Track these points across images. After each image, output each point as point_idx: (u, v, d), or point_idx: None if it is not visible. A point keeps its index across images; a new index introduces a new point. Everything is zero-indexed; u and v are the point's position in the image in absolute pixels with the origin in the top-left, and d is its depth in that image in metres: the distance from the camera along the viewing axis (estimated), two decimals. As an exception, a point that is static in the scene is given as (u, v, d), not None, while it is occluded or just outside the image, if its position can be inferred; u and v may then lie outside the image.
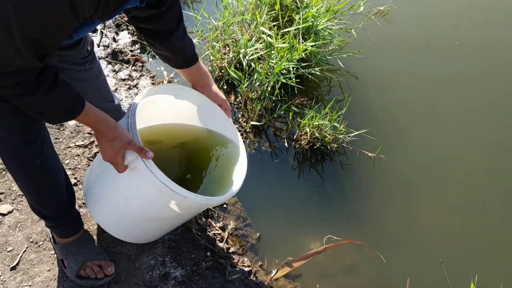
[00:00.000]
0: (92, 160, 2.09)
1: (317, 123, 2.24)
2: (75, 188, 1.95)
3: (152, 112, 1.64)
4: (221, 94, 1.64)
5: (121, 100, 2.42)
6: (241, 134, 2.35)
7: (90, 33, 2.73)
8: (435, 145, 2.45)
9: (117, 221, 1.58)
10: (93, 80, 1.72)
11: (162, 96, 1.58)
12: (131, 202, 1.47)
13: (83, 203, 1.90)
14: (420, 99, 2.69)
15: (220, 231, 1.97)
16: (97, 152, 2.13)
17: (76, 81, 1.61)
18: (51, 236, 1.69)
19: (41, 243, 1.74)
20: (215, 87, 1.62)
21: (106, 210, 1.54)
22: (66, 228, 1.62)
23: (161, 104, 1.63)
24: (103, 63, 2.59)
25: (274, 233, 2.02)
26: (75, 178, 1.99)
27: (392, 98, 2.66)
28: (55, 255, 1.71)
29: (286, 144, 2.37)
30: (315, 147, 2.31)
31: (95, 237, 1.79)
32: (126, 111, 2.09)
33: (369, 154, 2.34)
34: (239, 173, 1.62)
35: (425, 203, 2.20)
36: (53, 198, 1.51)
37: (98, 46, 2.67)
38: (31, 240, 1.74)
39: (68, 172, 2.01)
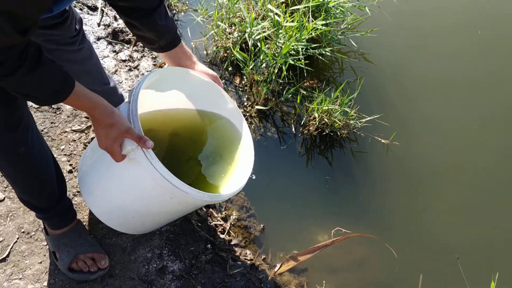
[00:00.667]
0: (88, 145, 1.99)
1: (327, 107, 2.09)
2: (70, 175, 1.86)
3: (153, 96, 1.53)
4: (210, 71, 1.50)
5: (120, 83, 2.30)
6: (246, 119, 2.22)
7: (88, 12, 2.62)
8: (454, 130, 2.29)
9: (112, 211, 1.48)
10: (84, 62, 1.61)
11: (166, 80, 1.46)
12: (128, 194, 1.37)
13: (78, 192, 1.81)
14: (438, 81, 2.52)
15: (221, 222, 1.87)
16: (93, 137, 2.03)
17: (66, 63, 1.52)
18: (43, 227, 1.60)
19: (33, 233, 1.66)
20: (201, 66, 1.49)
21: (101, 200, 1.44)
22: (57, 219, 1.53)
23: (164, 89, 1.52)
24: (103, 43, 2.47)
25: (279, 224, 1.91)
26: (70, 164, 1.90)
27: (408, 80, 2.50)
28: (48, 247, 1.62)
29: (293, 129, 2.24)
30: (324, 133, 2.17)
31: (89, 227, 1.70)
32: (125, 94, 2.01)
33: (382, 141, 2.20)
34: (245, 164, 1.51)
35: (442, 194, 2.06)
36: (42, 189, 1.42)
37: (99, 25, 2.54)
38: (22, 230, 1.66)
39: (63, 159, 1.91)
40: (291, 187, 2.04)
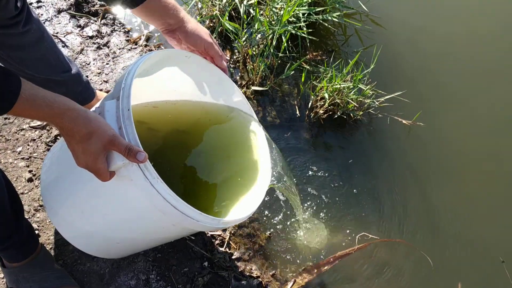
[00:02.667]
0: (51, 146, 1.62)
1: (338, 86, 1.74)
2: (30, 184, 1.52)
3: (145, 86, 1.17)
4: (205, 34, 1.12)
5: (88, 64, 1.92)
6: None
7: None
8: (487, 107, 1.96)
9: (90, 237, 1.15)
10: (33, 47, 1.30)
11: (161, 66, 1.12)
12: (113, 217, 1.04)
13: (41, 206, 1.47)
14: (465, 51, 2.17)
15: (219, 232, 1.55)
16: (58, 135, 1.66)
17: (10, 49, 1.25)
18: (-3, 258, 1.27)
19: (-15, 265, 1.32)
20: (193, 26, 1.11)
21: (75, 222, 1.10)
22: (14, 251, 1.23)
23: (158, 77, 1.16)
24: (65, 17, 2.06)
25: (288, 229, 1.60)
26: (30, 171, 1.55)
27: (429, 48, 2.14)
28: (4, 281, 1.30)
29: (298, 113, 1.89)
30: (336, 116, 1.83)
31: (56, 251, 1.37)
32: (95, 78, 1.58)
33: (404, 122, 1.87)
34: (261, 173, 1.23)
35: (480, 185, 1.75)
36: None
37: (58, -6, 2.12)
38: (-30, 261, 1.32)
39: (21, 164, 1.56)
40: (299, 184, 1.72)
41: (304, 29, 1.95)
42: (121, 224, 1.06)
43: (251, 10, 1.93)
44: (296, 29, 1.91)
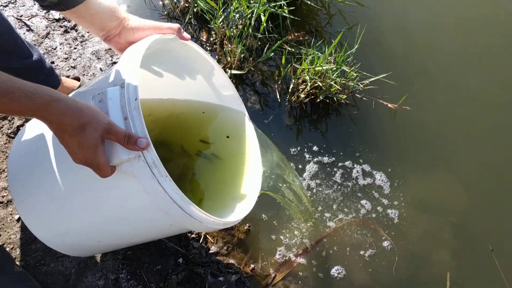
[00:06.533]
0: (13, 138, 1.52)
1: (320, 68, 1.64)
2: (-11, 180, 1.41)
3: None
4: (147, 22, 0.98)
5: (54, 49, 1.79)
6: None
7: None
8: (476, 90, 1.87)
9: (67, 235, 1.01)
10: None
11: (154, 55, 1.01)
12: (103, 215, 0.92)
13: (1, 203, 1.36)
14: (453, 30, 2.07)
15: (195, 226, 1.46)
16: (20, 126, 1.55)
17: None
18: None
19: None
20: (135, 21, 0.98)
21: (53, 220, 0.97)
22: None
23: (149, 68, 1.09)
24: (28, -2, 1.92)
25: (268, 220, 1.52)
26: (-10, 165, 1.44)
27: (415, 25, 2.04)
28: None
29: (278, 97, 1.79)
30: (318, 100, 1.74)
31: (17, 251, 1.28)
32: (61, 64, 1.43)
33: (389, 105, 1.78)
34: (251, 181, 1.17)
35: (468, 172, 1.68)
36: None
37: (21, -26, 1.97)
38: None
39: (-21, 158, 1.45)
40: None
41: (285, 7, 1.84)
42: (111, 223, 0.95)
43: (228, -12, 1.81)
44: (276, 7, 1.80)
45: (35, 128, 1.01)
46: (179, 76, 1.20)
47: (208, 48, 1.87)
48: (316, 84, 1.69)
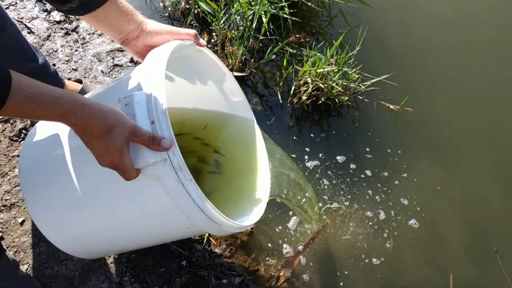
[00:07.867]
0: (16, 141, 1.51)
1: (321, 70, 1.65)
2: (-8, 183, 1.41)
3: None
4: (165, 27, 0.98)
5: (55, 51, 1.79)
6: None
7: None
8: (478, 91, 1.87)
9: (81, 237, 1.01)
10: None
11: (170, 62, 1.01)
12: (122, 217, 0.92)
13: (4, 206, 1.36)
14: (454, 31, 2.07)
15: (198, 228, 1.46)
16: (23, 129, 1.55)
17: None
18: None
19: None
20: (153, 25, 0.98)
21: (68, 224, 0.97)
22: None
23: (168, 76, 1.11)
24: (30, 1, 1.93)
25: (271, 222, 1.52)
26: (-8, 169, 1.44)
27: (419, 30, 2.04)
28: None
29: (280, 99, 1.79)
30: (320, 102, 1.74)
31: (21, 255, 1.28)
32: (64, 66, 1.40)
33: (391, 107, 1.79)
34: (260, 186, 1.19)
35: (470, 173, 1.68)
36: None
37: (22, -24, 1.97)
38: None
39: (-18, 161, 1.45)
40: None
41: (286, 9, 1.84)
42: (128, 226, 0.95)
43: (229, -10, 1.81)
44: (277, 9, 1.80)
45: (50, 128, 1.00)
46: (191, 82, 1.20)
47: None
48: (318, 86, 1.70)
